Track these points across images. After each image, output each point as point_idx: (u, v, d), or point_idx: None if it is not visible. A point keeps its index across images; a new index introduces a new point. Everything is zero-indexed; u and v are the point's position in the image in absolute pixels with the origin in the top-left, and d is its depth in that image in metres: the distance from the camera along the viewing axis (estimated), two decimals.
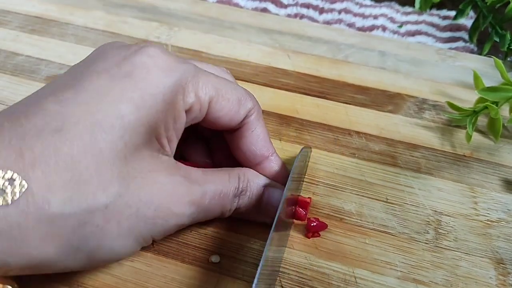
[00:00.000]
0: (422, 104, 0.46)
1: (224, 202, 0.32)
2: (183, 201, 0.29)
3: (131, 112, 0.27)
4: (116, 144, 0.27)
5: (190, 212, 0.30)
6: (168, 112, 0.29)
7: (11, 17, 0.54)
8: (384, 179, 0.39)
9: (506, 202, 0.38)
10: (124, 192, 0.27)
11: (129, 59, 0.29)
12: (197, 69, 0.31)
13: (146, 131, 0.28)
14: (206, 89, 0.30)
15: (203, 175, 0.31)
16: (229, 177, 0.32)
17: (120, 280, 0.32)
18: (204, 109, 0.31)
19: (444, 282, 0.32)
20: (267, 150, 0.34)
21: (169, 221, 0.29)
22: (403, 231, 0.35)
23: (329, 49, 0.51)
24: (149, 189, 0.28)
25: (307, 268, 0.33)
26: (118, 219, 0.27)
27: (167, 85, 0.29)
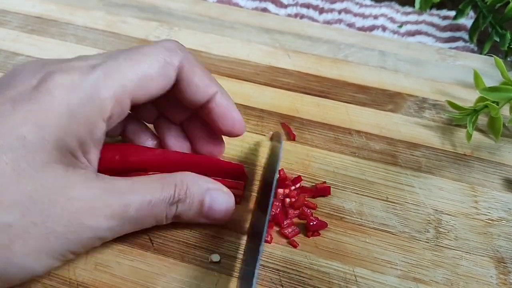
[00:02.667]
0: (423, 103, 0.46)
1: (156, 211, 0.31)
2: (99, 214, 0.29)
3: (33, 132, 0.27)
4: (18, 165, 0.27)
5: (109, 225, 0.29)
6: (80, 126, 0.29)
7: (11, 17, 0.54)
8: (384, 178, 0.39)
9: (506, 201, 0.38)
10: (29, 212, 0.27)
11: (34, 86, 0.29)
12: (106, 71, 0.30)
13: (54, 148, 0.28)
14: (123, 88, 0.30)
15: (130, 185, 0.30)
16: (163, 186, 0.31)
17: (120, 280, 0.32)
18: (127, 105, 0.31)
19: (445, 281, 0.32)
20: (211, 90, 0.33)
21: (83, 235, 0.29)
22: (403, 230, 0.35)
23: (329, 49, 0.51)
24: (59, 205, 0.27)
25: (307, 267, 0.33)
26: (23, 237, 0.27)
27: (73, 102, 0.29)
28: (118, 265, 0.32)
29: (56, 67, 0.30)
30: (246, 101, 0.45)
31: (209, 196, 0.32)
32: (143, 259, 0.33)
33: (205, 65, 0.48)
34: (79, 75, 0.30)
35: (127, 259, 0.33)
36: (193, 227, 0.35)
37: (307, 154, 0.40)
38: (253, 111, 0.44)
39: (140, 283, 0.32)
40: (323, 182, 0.38)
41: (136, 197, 0.30)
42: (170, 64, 0.32)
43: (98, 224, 0.29)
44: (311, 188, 0.37)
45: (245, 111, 0.44)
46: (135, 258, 0.33)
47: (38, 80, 0.29)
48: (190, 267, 0.32)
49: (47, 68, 0.30)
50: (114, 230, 0.30)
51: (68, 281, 0.31)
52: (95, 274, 0.32)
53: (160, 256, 0.33)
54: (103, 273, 0.32)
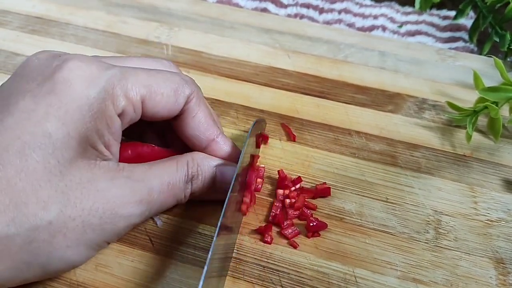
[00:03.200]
0: (422, 104, 0.46)
1: (175, 191, 0.33)
2: (129, 202, 0.30)
3: (58, 128, 0.28)
4: (49, 162, 0.28)
5: (140, 211, 0.31)
6: (98, 120, 0.29)
7: (12, 17, 0.54)
8: (384, 178, 0.39)
9: (506, 201, 0.38)
10: (65, 207, 0.28)
11: (51, 76, 0.29)
12: (123, 71, 0.31)
13: (77, 144, 0.29)
14: (135, 89, 0.31)
15: (148, 170, 0.32)
16: (177, 166, 0.33)
17: (121, 280, 0.32)
18: (138, 108, 0.31)
19: (444, 281, 0.32)
20: (212, 133, 0.35)
21: (118, 224, 0.30)
22: (403, 230, 0.35)
23: (329, 49, 0.51)
24: (91, 198, 0.29)
25: (307, 268, 0.33)
26: (63, 232, 0.28)
27: (92, 95, 0.29)
28: (118, 266, 0.32)
29: (72, 55, 0.31)
30: (246, 101, 0.45)
31: (218, 170, 0.34)
32: (143, 259, 0.33)
33: (205, 65, 0.49)
34: (97, 68, 0.30)
35: (127, 259, 0.33)
36: (193, 228, 0.35)
37: (307, 155, 0.40)
38: (253, 112, 0.44)
39: (140, 283, 0.32)
40: (323, 183, 0.38)
41: (157, 181, 0.32)
42: (181, 91, 0.33)
43: (130, 212, 0.30)
44: (311, 189, 0.37)
45: (245, 111, 0.44)
46: (135, 259, 0.33)
47: (54, 68, 0.30)
48: (190, 267, 0.33)
49: (63, 57, 0.31)
50: (143, 214, 0.31)
51: (68, 282, 0.32)
52: (95, 274, 0.32)
53: (160, 257, 0.33)
54: (104, 274, 0.32)
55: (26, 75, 0.30)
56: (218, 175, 0.34)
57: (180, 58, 0.50)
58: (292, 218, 0.35)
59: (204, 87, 0.46)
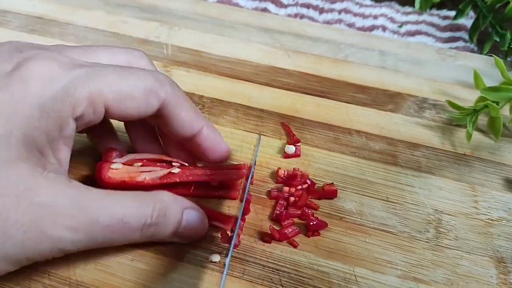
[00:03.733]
0: (423, 103, 0.46)
1: (126, 231, 0.29)
2: (62, 225, 0.27)
3: (1, 126, 0.26)
4: None
5: (72, 238, 0.27)
6: (50, 121, 0.28)
7: (12, 17, 0.54)
8: (384, 178, 0.39)
9: (506, 201, 0.38)
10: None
11: (7, 74, 0.28)
12: (90, 73, 0.29)
13: (21, 145, 0.27)
14: (101, 94, 0.29)
15: (102, 198, 0.29)
16: (138, 205, 0.30)
17: (120, 279, 0.32)
18: (100, 112, 0.30)
19: (445, 281, 0.32)
20: (197, 125, 0.34)
21: (41, 245, 0.27)
22: (403, 230, 0.35)
23: (329, 49, 0.51)
24: (20, 210, 0.26)
25: (307, 267, 0.33)
26: None
27: (47, 95, 0.28)
28: (118, 265, 0.32)
29: (35, 54, 0.29)
30: (246, 101, 0.45)
31: (185, 214, 0.32)
32: (143, 259, 0.33)
33: (205, 65, 0.49)
34: (60, 68, 0.29)
35: (127, 259, 0.33)
36: None
37: (307, 154, 0.40)
38: (253, 111, 0.44)
39: (140, 283, 0.32)
40: (330, 184, 0.37)
41: (106, 213, 0.28)
42: (155, 93, 0.31)
43: (59, 235, 0.27)
44: (317, 190, 0.37)
45: (245, 111, 0.44)
46: (135, 258, 0.33)
47: (13, 66, 0.28)
48: (190, 267, 0.32)
49: (25, 53, 0.29)
50: (78, 243, 0.28)
51: (68, 281, 0.31)
52: (95, 274, 0.32)
53: (160, 256, 0.33)
54: (103, 273, 0.32)
55: None
56: (183, 221, 0.32)
57: (180, 57, 0.50)
58: (294, 217, 0.35)
59: (204, 87, 0.46)
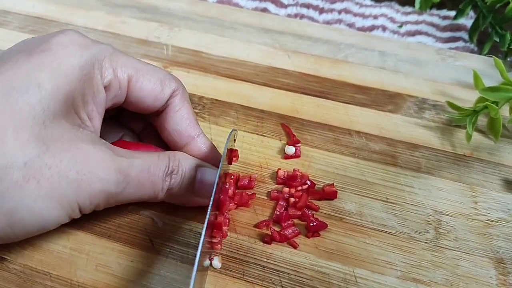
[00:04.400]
0: (422, 104, 0.46)
1: (154, 178, 0.32)
2: (108, 166, 0.30)
3: (48, 79, 0.29)
4: (34, 108, 0.28)
5: (117, 179, 0.30)
6: (86, 84, 0.30)
7: (12, 17, 0.54)
8: (384, 178, 0.39)
9: (506, 201, 0.38)
10: (43, 153, 0.27)
11: (46, 40, 0.31)
12: (115, 50, 0.32)
13: (64, 100, 0.29)
14: (124, 67, 0.32)
15: (129, 152, 0.32)
16: (159, 157, 0.33)
17: (121, 280, 0.32)
18: (124, 87, 0.32)
19: (444, 281, 0.32)
20: (193, 130, 0.35)
21: (93, 186, 0.29)
22: (403, 230, 0.35)
23: (329, 49, 0.51)
24: (71, 152, 0.28)
25: (307, 268, 0.33)
26: (37, 178, 0.27)
27: (84, 58, 0.30)
28: (118, 266, 0.32)
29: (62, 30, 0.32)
30: (246, 101, 0.45)
31: (199, 172, 0.34)
32: (143, 260, 0.33)
33: (205, 65, 0.49)
34: (90, 40, 0.32)
35: (127, 259, 0.33)
36: (193, 228, 0.35)
37: (307, 155, 0.40)
38: (253, 112, 0.44)
39: (140, 283, 0.32)
40: (331, 184, 0.37)
41: (138, 161, 0.31)
42: (167, 82, 0.34)
43: (107, 176, 0.29)
44: (318, 190, 0.37)
45: (245, 111, 0.44)
46: (135, 259, 0.33)
47: (49, 35, 0.31)
48: (190, 267, 0.33)
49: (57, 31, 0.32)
50: (120, 186, 0.30)
51: (69, 282, 0.31)
52: (95, 274, 0.32)
53: (160, 257, 0.33)
54: (104, 274, 0.32)
55: (22, 44, 0.32)
56: (198, 176, 0.34)
57: (180, 58, 0.50)
58: (294, 218, 0.35)
59: (204, 87, 0.46)
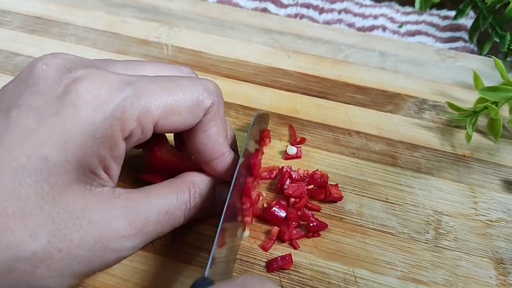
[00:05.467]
0: (422, 104, 0.46)
1: (173, 220, 0.31)
2: (123, 236, 0.28)
3: (57, 153, 0.26)
4: (42, 187, 0.26)
5: (133, 244, 0.29)
6: (102, 146, 0.28)
7: (12, 17, 0.54)
8: (384, 179, 0.39)
9: (506, 202, 0.38)
10: (54, 237, 0.26)
11: (59, 97, 0.28)
12: (138, 92, 0.29)
13: (75, 169, 0.27)
14: (149, 114, 0.29)
15: (145, 199, 0.30)
16: (177, 193, 0.31)
17: (121, 280, 0.32)
18: (149, 130, 0.30)
19: (444, 282, 0.32)
20: (218, 151, 0.33)
21: (107, 258, 0.28)
22: (403, 230, 0.35)
23: (329, 49, 0.51)
24: (82, 230, 0.27)
25: (307, 268, 0.33)
26: (47, 263, 0.26)
27: (98, 120, 0.28)
28: (118, 266, 0.32)
29: (84, 74, 0.29)
30: (246, 101, 0.45)
31: (218, 190, 0.34)
32: (143, 260, 0.33)
33: (205, 65, 0.49)
34: (108, 90, 0.28)
35: (128, 259, 0.33)
36: (193, 228, 0.35)
37: (307, 155, 0.40)
38: (253, 112, 0.44)
39: (140, 283, 0.32)
40: (335, 185, 0.37)
41: (153, 211, 0.30)
42: (202, 103, 0.31)
43: (122, 246, 0.28)
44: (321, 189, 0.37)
45: (245, 111, 0.44)
46: (135, 259, 0.33)
47: (63, 88, 0.28)
48: (190, 267, 0.33)
49: (74, 73, 0.29)
50: (136, 247, 0.30)
51: None
52: (96, 275, 0.32)
53: (160, 257, 0.33)
54: (104, 274, 0.32)
55: (31, 86, 0.28)
56: (217, 196, 0.34)
57: (180, 58, 0.50)
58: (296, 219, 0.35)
59: None
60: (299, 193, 0.36)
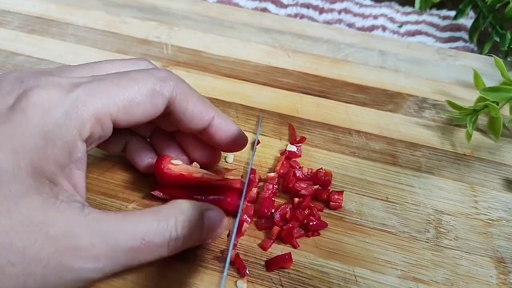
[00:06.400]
0: (422, 103, 0.46)
1: (151, 249, 0.28)
2: (82, 255, 0.26)
3: (8, 160, 0.26)
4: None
5: (94, 266, 0.27)
6: (57, 149, 0.27)
7: (11, 17, 0.54)
8: (384, 178, 0.39)
9: (506, 201, 0.38)
10: (6, 250, 0.24)
11: (9, 106, 0.28)
12: (89, 90, 0.29)
13: (31, 177, 0.26)
14: (104, 109, 0.29)
15: (119, 222, 0.28)
16: (159, 220, 0.29)
17: (121, 280, 0.32)
18: (108, 126, 0.30)
19: (445, 281, 0.32)
20: (207, 116, 0.33)
21: (64, 277, 0.26)
22: (403, 230, 0.35)
23: (329, 49, 0.51)
24: (37, 245, 0.25)
25: (307, 267, 0.33)
26: (0, 278, 0.24)
27: (49, 123, 0.27)
28: None
29: (34, 82, 0.29)
30: (246, 101, 0.45)
31: (206, 217, 0.31)
32: None
33: (205, 65, 0.49)
34: (58, 93, 0.28)
35: None
36: None
37: (307, 154, 0.40)
38: (253, 111, 0.44)
39: (140, 283, 0.32)
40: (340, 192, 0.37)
41: (125, 235, 0.27)
42: (159, 93, 0.31)
43: (80, 266, 0.26)
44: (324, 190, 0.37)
45: (245, 111, 0.44)
46: None
47: (15, 98, 0.28)
48: (190, 267, 0.32)
49: (25, 83, 0.29)
50: (101, 271, 0.27)
51: None
52: None
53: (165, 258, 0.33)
54: None
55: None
56: (205, 222, 0.31)
57: (180, 57, 0.50)
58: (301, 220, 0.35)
59: (204, 87, 0.46)
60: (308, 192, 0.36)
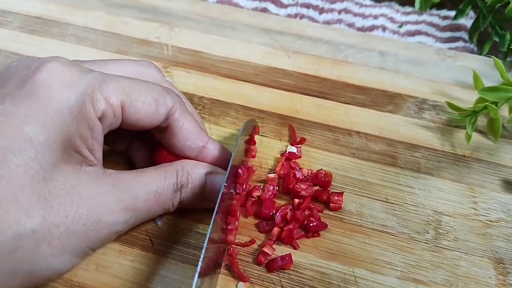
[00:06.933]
0: (422, 104, 0.46)
1: (162, 200, 0.32)
2: (114, 209, 0.30)
3: (39, 132, 0.27)
4: (31, 167, 0.27)
5: (124, 218, 0.30)
6: (80, 123, 0.29)
7: (12, 17, 0.54)
8: (384, 179, 0.39)
9: (505, 202, 0.38)
10: (49, 214, 0.27)
11: (30, 78, 0.29)
12: (104, 76, 0.31)
13: (60, 147, 0.28)
14: (116, 94, 0.30)
15: (135, 178, 0.31)
16: (165, 175, 0.32)
17: (120, 280, 0.32)
18: (118, 113, 0.31)
19: (444, 281, 0.33)
20: (201, 140, 0.34)
21: (102, 231, 0.29)
22: (403, 231, 0.35)
23: (329, 49, 0.51)
24: (75, 205, 0.28)
25: (307, 268, 0.33)
26: (48, 240, 0.27)
27: (72, 98, 0.29)
28: (118, 266, 0.33)
29: (51, 57, 0.30)
30: (246, 101, 0.45)
31: (208, 179, 0.34)
32: (143, 259, 0.33)
33: (205, 65, 0.49)
34: (77, 71, 0.30)
35: (128, 259, 0.33)
36: (193, 228, 0.35)
37: (307, 155, 0.40)
38: (253, 112, 0.44)
39: (140, 283, 0.32)
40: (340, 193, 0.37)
41: (143, 189, 0.31)
42: (163, 101, 0.32)
43: (114, 219, 0.30)
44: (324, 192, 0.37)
45: (245, 111, 0.44)
46: (136, 259, 0.33)
47: (32, 70, 0.29)
48: (190, 267, 0.33)
49: (42, 59, 0.30)
50: (128, 222, 0.31)
51: (69, 283, 0.32)
52: (96, 275, 0.32)
53: (160, 257, 0.33)
54: (104, 274, 0.32)
55: (5, 79, 0.30)
56: (207, 184, 0.34)
57: (180, 58, 0.50)
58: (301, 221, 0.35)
59: (204, 87, 0.46)
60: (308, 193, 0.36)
